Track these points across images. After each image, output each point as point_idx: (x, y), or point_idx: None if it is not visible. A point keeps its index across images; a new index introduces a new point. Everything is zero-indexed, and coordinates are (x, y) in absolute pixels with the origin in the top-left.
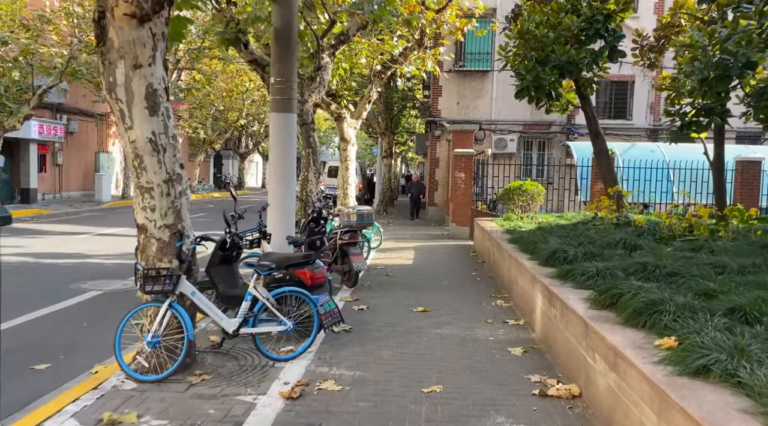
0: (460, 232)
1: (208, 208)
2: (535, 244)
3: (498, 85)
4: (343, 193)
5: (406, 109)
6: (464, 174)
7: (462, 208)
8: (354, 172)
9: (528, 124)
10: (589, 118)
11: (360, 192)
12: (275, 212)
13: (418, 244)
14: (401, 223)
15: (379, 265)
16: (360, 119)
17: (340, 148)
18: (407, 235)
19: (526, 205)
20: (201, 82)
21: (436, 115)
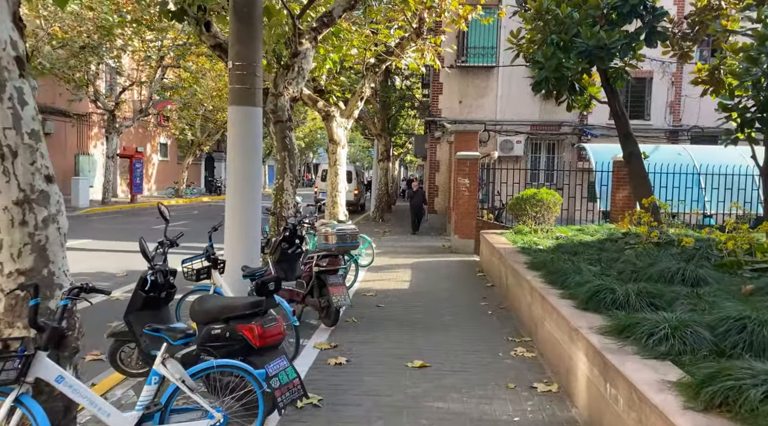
0: (464, 245)
1: (193, 215)
2: (564, 275)
3: (503, 82)
4: (332, 202)
5: (404, 109)
6: (469, 180)
7: (466, 219)
8: (344, 177)
9: (536, 124)
10: (618, 117)
11: (356, 197)
12: (233, 232)
13: (416, 259)
14: (398, 231)
15: (369, 290)
16: (351, 118)
17: (329, 150)
18: (404, 247)
19: (540, 216)
20: (187, 80)
21: (436, 115)
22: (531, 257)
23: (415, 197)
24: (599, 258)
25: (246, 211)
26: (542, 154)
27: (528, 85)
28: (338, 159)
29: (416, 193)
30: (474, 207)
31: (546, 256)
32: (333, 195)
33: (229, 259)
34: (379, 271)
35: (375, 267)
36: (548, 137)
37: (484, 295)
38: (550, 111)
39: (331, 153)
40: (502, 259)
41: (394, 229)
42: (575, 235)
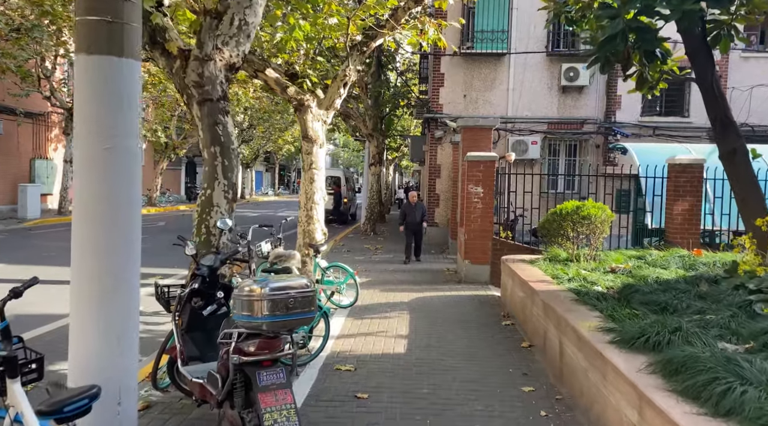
0: (477, 273)
1: (157, 228)
2: (706, 376)
3: (516, 71)
4: (306, 216)
5: (400, 108)
6: (483, 188)
7: (480, 239)
8: (322, 185)
9: (554, 122)
10: (715, 97)
11: (345, 206)
12: (83, 287)
13: (415, 294)
14: (393, 248)
15: (346, 358)
16: (332, 109)
17: (302, 150)
18: (399, 272)
19: (584, 236)
20: (157, 75)
21: (437, 111)
22: (603, 314)
23: (412, 214)
24: (728, 323)
25: (107, 243)
26: (561, 157)
27: (545, 75)
28: (315, 161)
29: (415, 208)
30: (489, 223)
31: (630, 318)
32: (308, 207)
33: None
34: (364, 317)
35: (360, 308)
36: (569, 137)
37: (525, 370)
38: (571, 106)
39: (305, 153)
40: (548, 310)
41: (388, 244)
42: (639, 267)
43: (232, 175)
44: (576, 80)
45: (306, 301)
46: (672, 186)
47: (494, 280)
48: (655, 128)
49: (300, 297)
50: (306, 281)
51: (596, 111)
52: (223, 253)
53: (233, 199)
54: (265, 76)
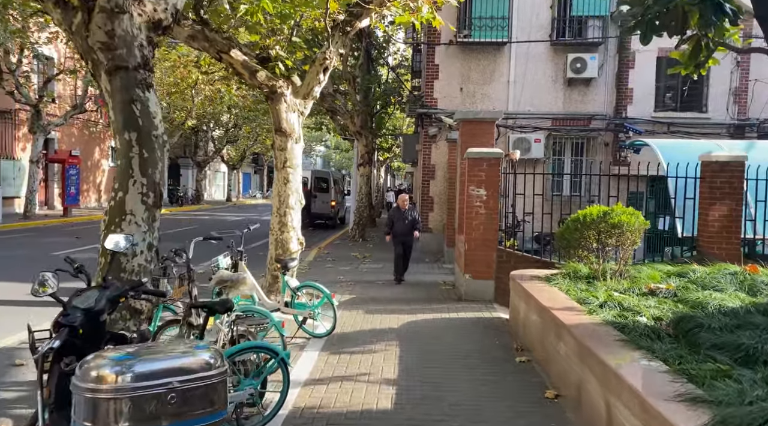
0: (479, 289)
1: None
2: None
3: (518, 62)
4: (279, 223)
5: (391, 105)
6: (486, 190)
7: (483, 249)
8: (298, 187)
9: (559, 118)
10: None
11: (333, 209)
12: None
13: (406, 317)
14: (383, 257)
15: (313, 418)
16: (310, 98)
17: (275, 145)
18: (388, 290)
19: (610, 248)
20: None
21: (431, 106)
22: (671, 367)
23: (401, 221)
24: None
25: None
26: (567, 156)
27: (550, 66)
28: (289, 158)
29: (405, 214)
30: (494, 232)
31: (715, 375)
32: (281, 212)
33: None
34: (342, 350)
35: (338, 338)
36: (575, 134)
37: None
38: (577, 101)
39: (278, 149)
40: (586, 354)
41: (378, 252)
42: (686, 289)
43: (154, 172)
44: (583, 72)
45: (203, 396)
46: (707, 187)
47: (500, 298)
48: (670, 124)
49: (190, 389)
50: (208, 356)
51: (605, 106)
52: (116, 287)
53: (156, 205)
54: (230, 58)
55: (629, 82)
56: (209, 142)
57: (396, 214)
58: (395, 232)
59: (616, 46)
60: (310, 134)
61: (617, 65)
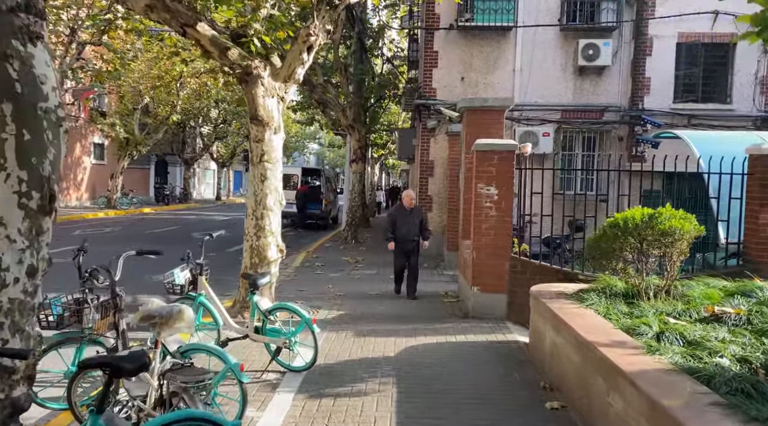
0: (489, 305)
1: (101, 236)
2: None
3: (524, 49)
4: (255, 227)
5: (386, 98)
6: (498, 188)
7: (494, 258)
8: (278, 186)
9: (569, 110)
10: None
11: (326, 207)
12: None
13: (402, 342)
14: (377, 261)
15: None
16: (292, 82)
17: (251, 136)
18: (382, 304)
19: (654, 259)
20: (113, 62)
21: (430, 97)
22: None
23: (406, 224)
24: None
25: None
26: (577, 151)
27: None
28: (267, 151)
29: (410, 215)
30: (507, 237)
31: None
32: (257, 215)
33: None
34: (324, 392)
35: (320, 372)
36: (586, 128)
37: None
38: (589, 91)
39: (254, 140)
40: (662, 421)
41: (371, 256)
42: (762, 314)
43: (41, 162)
44: (596, 59)
45: None
46: (757, 185)
47: (513, 315)
48: (691, 116)
49: None
50: None
51: (619, 96)
52: None
53: (44, 210)
54: (195, 33)
55: (646, 70)
56: (197, 138)
57: (399, 215)
58: (399, 238)
59: (632, 31)
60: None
61: (633, 52)
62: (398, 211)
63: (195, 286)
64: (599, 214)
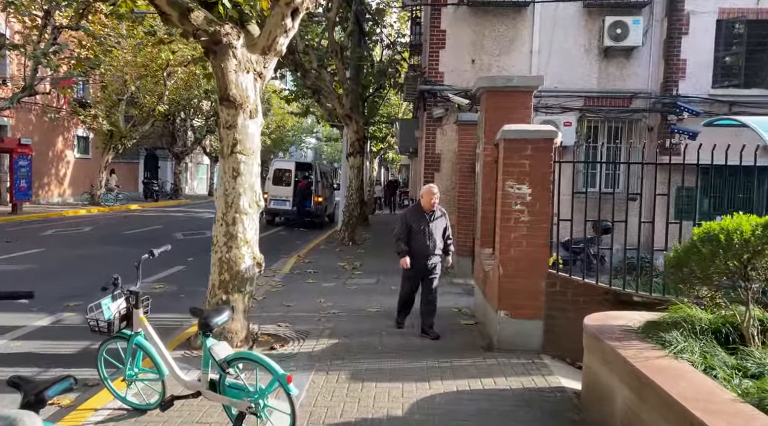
0: (522, 334)
1: (57, 237)
2: None
3: (542, 28)
4: (225, 235)
5: (385, 88)
6: (531, 187)
7: (526, 275)
8: (255, 183)
9: (593, 96)
10: None
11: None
12: None
13: (414, 391)
14: (375, 270)
15: None
16: (273, 54)
17: (220, 121)
18: (384, 329)
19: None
20: (93, 48)
21: (436, 82)
22: None
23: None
24: None
25: None
26: (601, 142)
27: (582, 33)
28: (240, 141)
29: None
30: (543, 248)
31: None
32: (227, 219)
33: None
34: None
35: None
36: (613, 117)
37: None
38: (616, 75)
39: (224, 126)
40: None
41: (370, 260)
42: None
43: None
44: (624, 39)
45: None
46: None
47: (550, 346)
48: (732, 103)
49: None
50: None
51: (650, 81)
52: None
53: None
54: None
55: (681, 51)
56: (188, 131)
57: (415, 220)
58: (416, 251)
59: (665, 7)
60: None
61: (666, 31)
62: (414, 214)
63: (129, 324)
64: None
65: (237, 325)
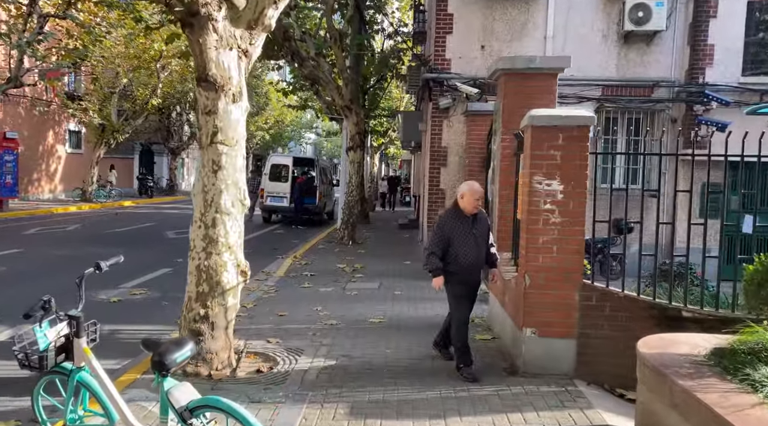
0: (551, 355)
1: (40, 236)
2: None
3: (557, 11)
4: (203, 239)
5: (387, 79)
6: (563, 183)
7: (558, 286)
8: (239, 179)
9: (612, 85)
10: None
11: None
12: None
13: None
14: (378, 272)
15: None
16: (260, 29)
17: (198, 106)
18: (389, 350)
19: None
20: (82, 38)
21: (443, 69)
22: None
23: (468, 240)
24: None
25: None
26: (620, 136)
27: (599, 17)
28: (222, 129)
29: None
30: (578, 255)
31: None
32: (206, 221)
33: None
34: None
35: None
36: (633, 107)
37: None
38: (636, 62)
39: (203, 111)
40: None
41: (372, 261)
42: None
43: None
44: (646, 23)
45: None
46: None
47: (584, 368)
48: (765, 93)
49: None
50: None
51: (674, 69)
52: None
53: None
54: None
55: (709, 36)
56: (184, 125)
57: (457, 227)
58: (464, 263)
59: None
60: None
61: (693, 13)
62: (453, 220)
63: (69, 357)
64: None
65: (217, 345)
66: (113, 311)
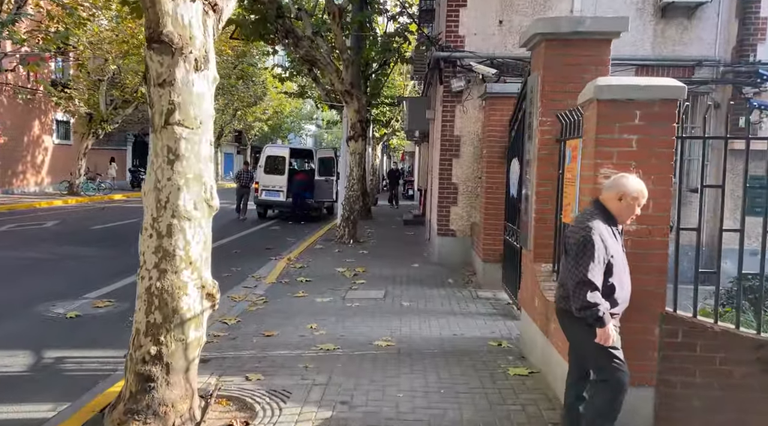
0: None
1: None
2: None
3: None
4: (156, 252)
5: (391, 64)
6: (653, 173)
7: (631, 315)
8: (205, 173)
9: (648, 64)
10: None
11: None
12: None
13: None
14: (382, 276)
15: None
16: None
17: (150, 76)
18: (401, 395)
19: None
20: (64, 20)
21: (455, 47)
22: None
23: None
24: None
25: None
26: None
27: None
28: (181, 104)
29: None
30: (659, 275)
31: None
32: (158, 229)
33: None
34: None
35: None
36: None
37: None
38: (674, 39)
39: (156, 82)
40: None
41: (376, 263)
42: None
43: None
44: None
45: None
46: None
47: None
48: None
49: None
50: None
51: (719, 46)
52: None
53: None
54: None
55: (762, 8)
56: None
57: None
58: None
59: None
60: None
61: None
62: (608, 232)
63: None
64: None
65: (174, 394)
66: (66, 331)
